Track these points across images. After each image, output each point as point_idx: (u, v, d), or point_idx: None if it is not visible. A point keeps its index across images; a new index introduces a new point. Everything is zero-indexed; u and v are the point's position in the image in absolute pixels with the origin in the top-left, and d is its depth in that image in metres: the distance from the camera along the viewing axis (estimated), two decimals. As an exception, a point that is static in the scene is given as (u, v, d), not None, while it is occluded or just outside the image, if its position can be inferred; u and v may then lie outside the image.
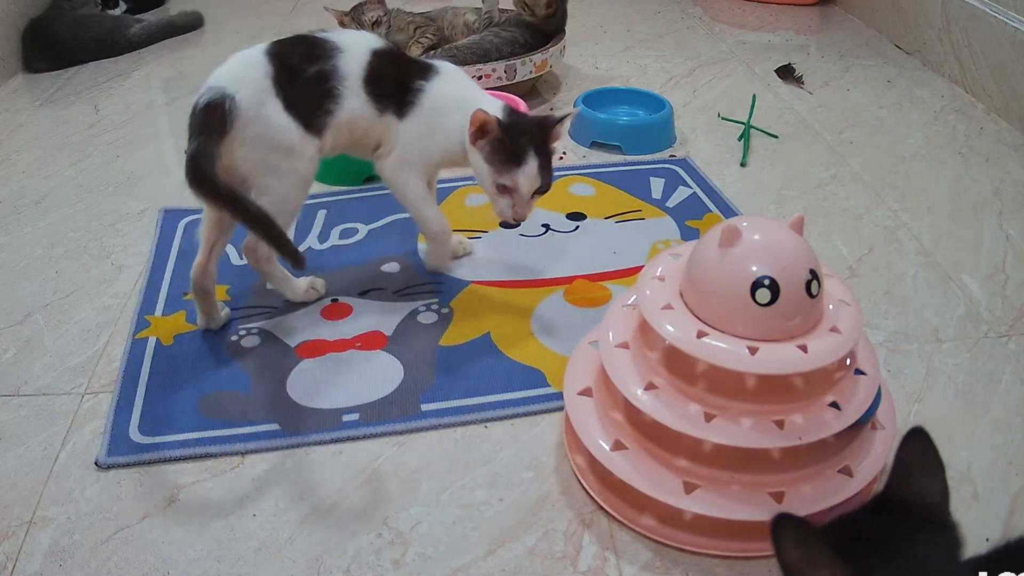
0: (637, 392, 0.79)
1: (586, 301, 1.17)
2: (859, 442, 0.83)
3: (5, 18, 2.01)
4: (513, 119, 1.06)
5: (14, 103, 1.89)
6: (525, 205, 1.07)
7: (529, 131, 1.04)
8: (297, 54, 1.04)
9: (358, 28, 1.82)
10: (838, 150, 1.59)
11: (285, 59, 1.02)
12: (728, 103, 1.78)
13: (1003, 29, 1.66)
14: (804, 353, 0.74)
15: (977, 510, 0.85)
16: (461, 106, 1.07)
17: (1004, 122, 1.67)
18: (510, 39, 1.73)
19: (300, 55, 1.04)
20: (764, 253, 0.76)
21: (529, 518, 0.86)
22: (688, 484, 0.79)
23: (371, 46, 1.07)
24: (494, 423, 0.97)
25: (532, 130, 1.05)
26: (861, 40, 2.15)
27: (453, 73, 1.12)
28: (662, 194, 1.43)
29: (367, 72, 1.05)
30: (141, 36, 2.20)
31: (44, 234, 1.37)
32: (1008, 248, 1.27)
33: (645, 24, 2.30)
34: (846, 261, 1.25)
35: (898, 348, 1.07)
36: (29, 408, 1.01)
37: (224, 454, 0.93)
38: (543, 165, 1.05)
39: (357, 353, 1.08)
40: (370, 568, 0.81)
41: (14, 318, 1.17)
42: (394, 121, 1.08)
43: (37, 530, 0.85)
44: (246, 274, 1.23)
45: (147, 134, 1.73)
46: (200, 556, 0.82)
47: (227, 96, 0.97)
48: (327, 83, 1.03)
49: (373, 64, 1.06)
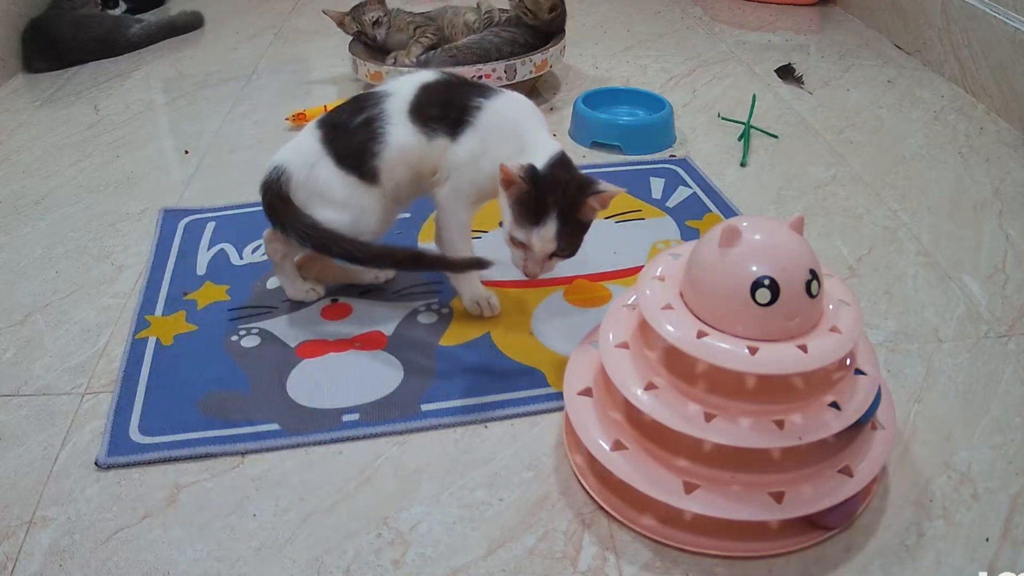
0: (637, 392, 0.79)
1: (586, 301, 1.17)
2: (859, 442, 0.83)
3: (5, 18, 2.01)
4: (549, 173, 0.97)
5: (14, 103, 1.89)
6: (537, 264, 0.99)
7: (562, 190, 0.96)
8: (345, 111, 1.07)
9: (358, 28, 1.82)
10: (838, 150, 1.59)
11: (333, 120, 1.06)
12: (728, 103, 1.79)
13: (1003, 29, 1.66)
14: (804, 353, 0.74)
15: (977, 510, 0.85)
16: (517, 135, 1.02)
17: (1004, 122, 1.67)
18: (510, 39, 1.73)
19: (347, 110, 1.06)
20: (764, 253, 0.76)
21: (529, 518, 0.86)
22: (688, 484, 0.79)
23: (422, 81, 1.06)
24: (494, 423, 0.97)
25: (566, 190, 0.96)
26: (861, 40, 2.15)
27: (518, 99, 1.07)
28: (662, 194, 1.43)
29: (413, 103, 1.04)
30: (141, 36, 2.20)
31: (44, 234, 1.37)
32: (1008, 248, 1.27)
33: (645, 24, 2.30)
34: (846, 261, 1.25)
35: (898, 348, 1.07)
36: (29, 408, 1.01)
37: (224, 454, 0.93)
38: (563, 232, 0.96)
39: (357, 353, 1.08)
40: (370, 568, 0.81)
41: (14, 318, 1.17)
42: (447, 144, 1.03)
43: (37, 530, 0.85)
44: (246, 274, 1.23)
45: (147, 134, 1.73)
46: (200, 556, 0.82)
47: (280, 169, 1.05)
48: (371, 127, 1.03)
49: (420, 95, 1.04)
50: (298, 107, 1.77)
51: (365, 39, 1.84)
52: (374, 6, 1.82)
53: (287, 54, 2.15)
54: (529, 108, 1.07)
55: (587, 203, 0.96)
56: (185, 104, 1.87)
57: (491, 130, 1.03)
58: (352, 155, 1.03)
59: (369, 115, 1.04)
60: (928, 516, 0.84)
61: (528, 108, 1.07)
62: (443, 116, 1.03)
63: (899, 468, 0.90)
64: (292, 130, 1.70)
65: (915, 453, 0.92)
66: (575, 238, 0.99)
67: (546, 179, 0.96)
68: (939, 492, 0.87)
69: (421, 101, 1.04)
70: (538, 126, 1.05)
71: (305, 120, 1.70)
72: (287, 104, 1.82)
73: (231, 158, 1.61)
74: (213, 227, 1.36)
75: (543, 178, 0.96)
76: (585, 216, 0.98)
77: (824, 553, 0.81)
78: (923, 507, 0.85)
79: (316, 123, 1.07)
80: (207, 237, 1.33)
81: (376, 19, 1.81)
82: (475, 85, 1.08)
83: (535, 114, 1.07)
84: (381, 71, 1.69)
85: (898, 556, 0.80)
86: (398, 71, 1.67)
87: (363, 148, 1.03)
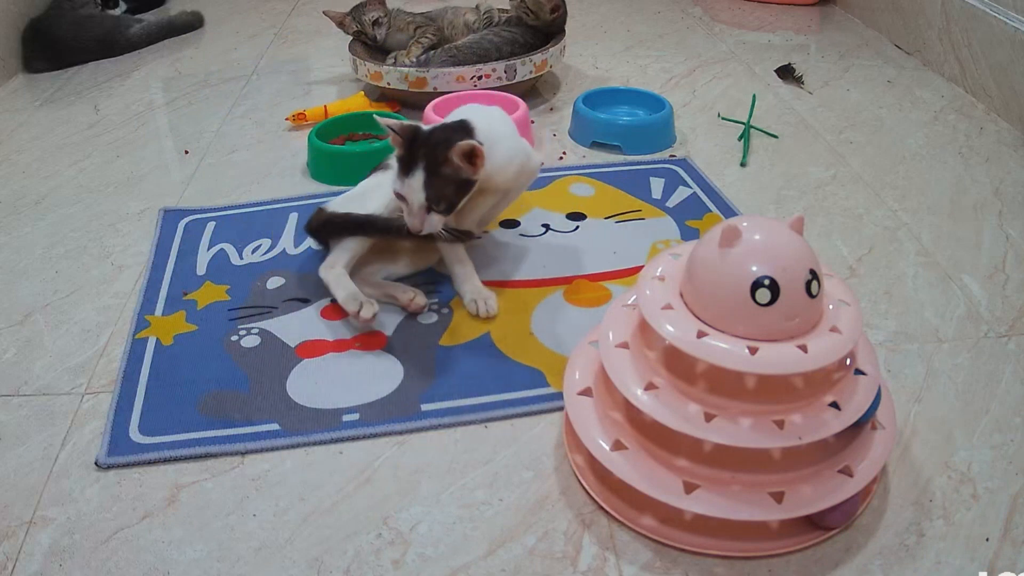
0: (637, 392, 0.79)
1: (586, 301, 1.17)
2: (859, 442, 0.83)
3: (5, 18, 2.01)
4: (430, 132, 1.04)
5: (14, 103, 1.89)
6: (415, 217, 1.03)
7: (432, 145, 1.02)
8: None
9: (358, 28, 1.82)
10: (838, 150, 1.59)
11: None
12: (728, 103, 1.79)
13: (1003, 29, 1.66)
14: (804, 353, 0.74)
15: (977, 510, 0.85)
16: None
17: (1004, 122, 1.67)
18: (510, 39, 1.73)
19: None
20: (764, 253, 0.76)
21: (529, 518, 0.86)
22: (688, 484, 0.79)
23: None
24: (494, 423, 0.97)
25: (434, 145, 1.02)
26: (861, 40, 2.15)
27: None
28: (662, 194, 1.43)
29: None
30: (141, 36, 2.20)
31: (44, 234, 1.37)
32: (1008, 248, 1.27)
33: (645, 24, 2.30)
34: (846, 261, 1.25)
35: (898, 348, 1.07)
36: (29, 408, 1.01)
37: (224, 454, 0.93)
38: (430, 183, 1.01)
39: (357, 353, 1.08)
40: (370, 568, 0.81)
41: (14, 318, 1.17)
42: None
43: (37, 530, 0.85)
44: (246, 274, 1.23)
45: (147, 134, 1.73)
46: (200, 556, 0.82)
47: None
48: None
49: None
50: (298, 107, 1.77)
51: (365, 39, 1.84)
52: (374, 6, 1.82)
53: (287, 54, 2.15)
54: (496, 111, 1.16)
55: (447, 156, 1.01)
56: (185, 104, 1.87)
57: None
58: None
59: None
60: (928, 516, 0.84)
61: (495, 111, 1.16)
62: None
63: (899, 468, 0.90)
64: (292, 130, 1.70)
65: (915, 453, 0.92)
66: (443, 191, 1.03)
67: (423, 136, 1.04)
68: (939, 492, 0.87)
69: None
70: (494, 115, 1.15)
71: (305, 120, 1.70)
72: (287, 104, 1.82)
73: (231, 158, 1.61)
74: (213, 227, 1.36)
75: (421, 135, 1.04)
76: (450, 169, 1.02)
77: (824, 553, 0.81)
78: (923, 507, 0.85)
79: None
80: (207, 237, 1.33)
81: (376, 19, 1.81)
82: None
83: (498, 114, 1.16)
84: (381, 71, 1.69)
85: (898, 556, 0.80)
86: (398, 71, 1.67)
87: None
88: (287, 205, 1.42)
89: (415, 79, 1.66)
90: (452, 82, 1.66)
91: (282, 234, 1.33)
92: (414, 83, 1.67)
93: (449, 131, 1.06)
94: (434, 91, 1.66)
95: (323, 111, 1.70)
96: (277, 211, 1.40)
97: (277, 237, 1.32)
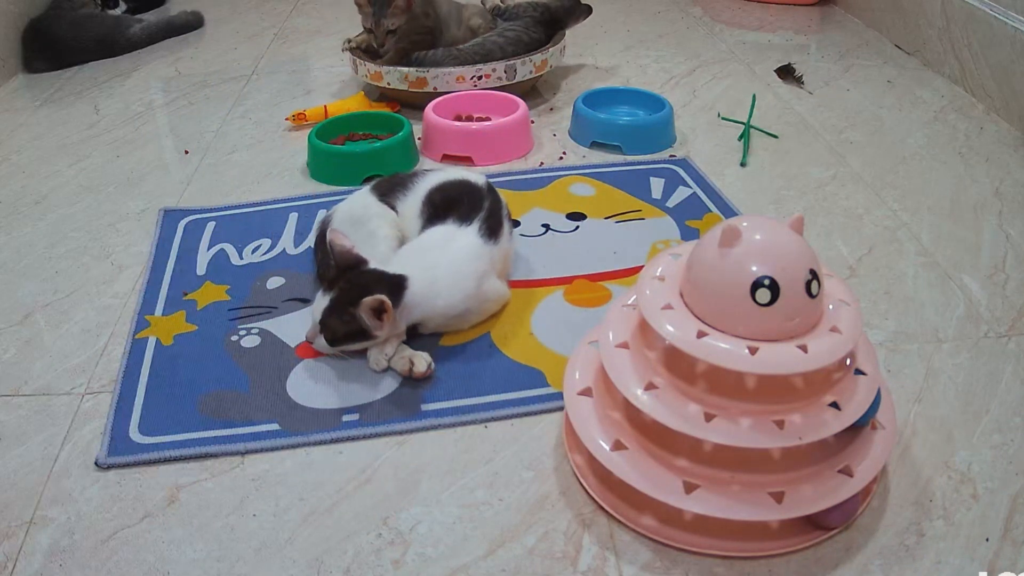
0: (637, 392, 0.79)
1: (586, 301, 1.17)
2: (859, 442, 0.83)
3: (5, 18, 2.01)
4: (363, 273, 1.03)
5: (14, 103, 1.89)
6: (311, 330, 1.03)
7: (351, 285, 1.01)
8: None
9: (370, 28, 1.73)
10: (838, 150, 1.59)
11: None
12: (728, 103, 1.79)
13: (1003, 29, 1.66)
14: (804, 353, 0.74)
15: (977, 510, 0.85)
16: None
17: (1004, 122, 1.67)
18: (514, 39, 1.73)
19: None
20: (764, 253, 0.76)
21: (529, 518, 0.86)
22: (688, 484, 0.79)
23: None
24: (494, 423, 0.97)
25: (352, 287, 1.01)
26: (861, 40, 2.15)
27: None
28: (662, 194, 1.43)
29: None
30: (141, 36, 2.20)
31: (44, 234, 1.37)
32: (1008, 248, 1.27)
33: (645, 24, 2.30)
34: (846, 261, 1.25)
35: (898, 348, 1.07)
36: (29, 408, 1.01)
37: (224, 454, 0.93)
38: (329, 310, 1.01)
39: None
40: (370, 568, 0.81)
41: (14, 318, 1.17)
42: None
43: (37, 530, 0.85)
44: (246, 274, 1.23)
45: (147, 134, 1.73)
46: (200, 556, 0.82)
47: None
48: None
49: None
50: (298, 107, 1.77)
51: (371, 38, 1.75)
52: (397, 13, 1.69)
53: (287, 54, 2.15)
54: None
55: (355, 308, 0.98)
56: (185, 104, 1.87)
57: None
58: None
59: None
60: (928, 516, 0.84)
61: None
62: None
63: (899, 468, 0.90)
64: (292, 130, 1.70)
65: (915, 453, 0.92)
66: (337, 330, 1.01)
67: (354, 273, 1.03)
68: (939, 492, 0.87)
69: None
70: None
71: (305, 120, 1.70)
72: (287, 104, 1.82)
73: (231, 158, 1.61)
74: (213, 227, 1.36)
75: (353, 271, 1.03)
76: (349, 316, 1.00)
77: (824, 553, 0.81)
78: (923, 507, 0.85)
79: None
80: (207, 237, 1.33)
81: (393, 29, 1.70)
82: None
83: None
84: (381, 71, 1.69)
85: (898, 556, 0.80)
86: (398, 71, 1.67)
87: None
88: (287, 205, 1.42)
89: (415, 79, 1.66)
90: (452, 82, 1.66)
91: (282, 234, 1.33)
92: (414, 83, 1.67)
93: (375, 281, 1.02)
94: (434, 91, 1.66)
95: (323, 111, 1.70)
96: (277, 211, 1.40)
97: (277, 237, 1.32)
